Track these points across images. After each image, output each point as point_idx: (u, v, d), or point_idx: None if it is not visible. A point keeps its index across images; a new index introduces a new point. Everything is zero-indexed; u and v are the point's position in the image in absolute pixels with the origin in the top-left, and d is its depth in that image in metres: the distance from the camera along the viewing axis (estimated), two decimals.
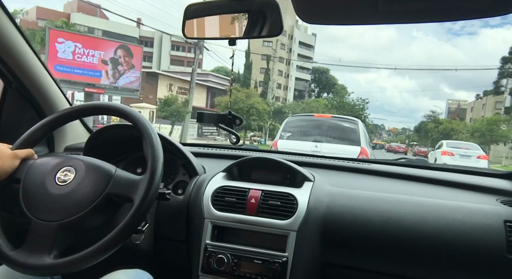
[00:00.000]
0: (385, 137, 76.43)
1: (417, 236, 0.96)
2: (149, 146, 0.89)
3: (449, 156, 12.77)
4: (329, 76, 54.67)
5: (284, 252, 1.00)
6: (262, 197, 1.06)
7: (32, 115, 1.29)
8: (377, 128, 66.11)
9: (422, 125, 41.57)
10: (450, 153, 12.94)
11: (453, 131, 32.72)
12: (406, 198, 1.06)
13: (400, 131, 77.44)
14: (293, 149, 4.94)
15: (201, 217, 1.08)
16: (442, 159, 12.77)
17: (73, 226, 0.83)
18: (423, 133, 40.08)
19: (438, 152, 13.80)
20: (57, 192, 0.85)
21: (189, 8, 1.12)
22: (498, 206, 1.04)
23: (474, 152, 13.08)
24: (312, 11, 0.57)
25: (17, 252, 0.82)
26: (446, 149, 13.34)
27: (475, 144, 15.29)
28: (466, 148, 13.39)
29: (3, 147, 0.91)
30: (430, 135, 36.42)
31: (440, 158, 12.98)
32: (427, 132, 38.30)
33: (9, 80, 1.22)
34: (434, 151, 15.24)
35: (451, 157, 12.70)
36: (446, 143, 14.24)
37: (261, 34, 1.08)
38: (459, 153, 12.93)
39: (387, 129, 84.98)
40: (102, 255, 0.80)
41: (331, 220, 1.03)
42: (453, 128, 33.67)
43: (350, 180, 1.28)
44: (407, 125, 58.28)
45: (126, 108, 0.96)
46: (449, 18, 0.54)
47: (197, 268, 1.05)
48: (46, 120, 0.99)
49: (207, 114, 1.25)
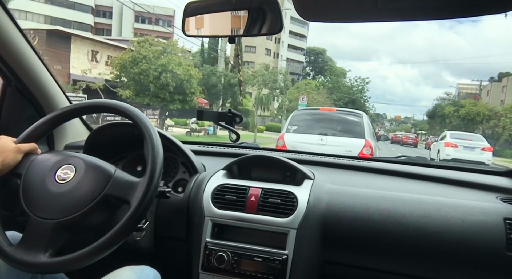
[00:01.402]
0: (388, 126, 75.67)
1: (417, 234, 0.96)
2: (150, 146, 0.89)
3: (452, 148, 12.56)
4: (326, 58, 47.28)
5: (284, 250, 1.01)
6: (262, 195, 1.07)
7: (32, 114, 1.29)
8: (379, 117, 65.27)
9: (437, 110, 33.22)
10: (454, 145, 12.68)
11: (478, 116, 26.09)
12: (406, 196, 1.06)
13: (403, 120, 75.99)
14: (299, 141, 5.38)
15: (201, 215, 1.08)
16: (446, 150, 12.56)
17: (70, 225, 0.84)
18: (439, 119, 31.99)
19: (441, 143, 13.56)
20: (56, 190, 0.86)
21: (189, 5, 1.11)
22: (498, 204, 1.04)
23: (478, 143, 12.86)
24: (313, 9, 0.57)
25: (14, 248, 0.83)
26: (449, 140, 13.07)
27: (480, 135, 14.99)
28: (470, 139, 13.12)
29: (7, 141, 0.91)
30: (448, 122, 28.54)
31: (443, 150, 12.78)
32: (444, 118, 30.23)
33: (9, 78, 1.22)
34: (437, 142, 14.88)
35: (454, 148, 12.52)
36: (450, 134, 13.94)
37: (261, 31, 1.06)
38: (462, 145, 12.65)
39: (389, 118, 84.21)
40: (97, 256, 0.81)
41: (331, 218, 1.03)
42: (479, 112, 26.27)
43: (350, 178, 1.28)
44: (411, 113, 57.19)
45: (127, 107, 0.95)
46: (450, 16, 0.53)
47: (197, 266, 1.06)
48: (50, 116, 0.99)
49: (207, 112, 1.25)
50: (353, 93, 28.14)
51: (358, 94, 28.66)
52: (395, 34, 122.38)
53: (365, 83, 29.04)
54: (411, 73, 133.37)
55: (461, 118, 27.00)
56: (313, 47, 47.78)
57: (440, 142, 14.13)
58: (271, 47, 40.41)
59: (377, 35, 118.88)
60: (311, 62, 48.20)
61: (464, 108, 27.37)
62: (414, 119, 62.03)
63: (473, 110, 26.45)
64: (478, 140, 13.39)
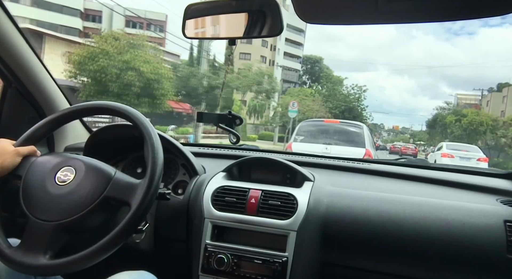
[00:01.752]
0: (385, 136, 75.66)
1: (417, 236, 0.96)
2: (150, 148, 0.89)
3: (448, 158, 12.70)
4: (323, 66, 45.83)
5: (284, 252, 1.00)
6: (262, 197, 1.06)
7: (32, 115, 1.29)
8: (376, 127, 65.19)
9: (438, 118, 30.93)
10: (450, 155, 12.88)
11: (482, 126, 24.32)
12: (406, 198, 1.06)
13: (401, 130, 75.75)
14: (306, 150, 5.53)
15: (201, 217, 1.08)
16: (442, 161, 12.65)
17: (70, 227, 0.83)
18: (440, 129, 30.05)
19: (438, 154, 13.76)
20: (56, 192, 0.85)
21: (189, 8, 1.12)
22: (498, 206, 1.04)
23: (474, 154, 13.05)
24: (312, 11, 0.57)
25: (14, 250, 0.82)
26: (446, 151, 13.30)
27: (475, 146, 15.16)
28: (466, 150, 13.37)
29: (6, 144, 0.92)
30: (450, 132, 26.82)
31: (440, 160, 12.85)
32: (445, 128, 28.19)
33: (9, 80, 1.22)
34: (434, 153, 15.04)
35: (450, 159, 12.66)
36: (446, 145, 14.17)
37: (261, 33, 1.08)
38: (459, 155, 12.85)
39: (386, 128, 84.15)
40: (97, 258, 0.80)
41: (331, 220, 1.03)
42: (482, 121, 24.47)
43: (350, 180, 1.28)
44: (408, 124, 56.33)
45: (127, 109, 0.96)
46: (450, 18, 0.53)
47: (197, 268, 1.05)
48: (50, 118, 0.99)
49: (207, 114, 1.25)
50: (350, 102, 26.76)
51: (355, 102, 27.22)
52: (392, 44, 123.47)
53: (362, 91, 27.29)
54: (408, 83, 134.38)
55: (463, 128, 25.50)
56: (310, 55, 46.57)
57: (436, 152, 14.28)
58: (266, 54, 38.50)
59: (374, 46, 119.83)
60: (308, 71, 46.81)
61: (466, 117, 25.71)
62: (412, 129, 61.28)
63: (476, 120, 24.87)
64: (474, 150, 13.60)
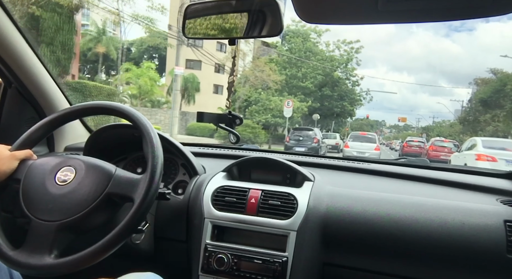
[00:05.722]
0: (387, 133, 74.90)
1: (417, 236, 0.96)
2: (149, 145, 0.89)
3: (488, 162, 8.33)
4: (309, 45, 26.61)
5: (284, 252, 1.00)
6: (262, 197, 1.06)
7: (32, 115, 1.29)
8: (377, 124, 64.66)
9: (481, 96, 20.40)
10: (491, 158, 8.41)
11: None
12: (406, 198, 1.06)
13: (403, 128, 74.36)
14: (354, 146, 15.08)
15: (201, 217, 1.08)
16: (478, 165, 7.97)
17: (73, 226, 0.84)
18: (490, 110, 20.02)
19: (469, 155, 9.13)
20: (57, 192, 0.85)
21: (189, 8, 1.11)
22: (498, 206, 1.04)
23: None
24: (312, 11, 0.56)
25: (18, 252, 0.82)
26: (482, 150, 8.79)
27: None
28: None
29: (1, 149, 0.92)
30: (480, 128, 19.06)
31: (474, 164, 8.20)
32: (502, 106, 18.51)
33: (9, 80, 1.22)
34: (462, 153, 10.17)
35: (491, 163, 8.29)
36: (482, 142, 9.34)
37: (261, 33, 1.07)
38: (503, 157, 8.40)
39: (388, 125, 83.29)
40: (102, 255, 0.81)
41: (331, 219, 1.03)
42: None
43: (350, 180, 1.28)
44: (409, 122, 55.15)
45: (126, 108, 0.96)
46: (450, 18, 0.53)
47: (197, 268, 1.06)
48: (45, 120, 0.99)
49: (207, 114, 1.24)
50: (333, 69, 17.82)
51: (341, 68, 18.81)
52: (391, 40, 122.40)
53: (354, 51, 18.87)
54: (407, 80, 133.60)
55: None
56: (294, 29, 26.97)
57: (466, 153, 9.55)
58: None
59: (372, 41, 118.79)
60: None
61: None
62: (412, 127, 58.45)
63: None
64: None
